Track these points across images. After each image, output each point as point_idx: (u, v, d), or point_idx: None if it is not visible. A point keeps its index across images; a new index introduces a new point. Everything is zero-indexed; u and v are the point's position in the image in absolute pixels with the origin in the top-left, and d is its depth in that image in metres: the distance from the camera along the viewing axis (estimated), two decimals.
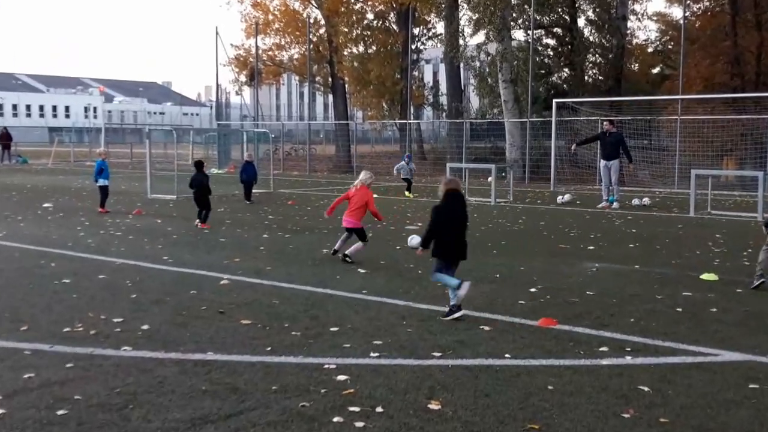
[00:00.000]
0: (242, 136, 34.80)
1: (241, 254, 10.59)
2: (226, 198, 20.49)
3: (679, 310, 7.33)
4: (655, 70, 41.00)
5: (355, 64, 39.30)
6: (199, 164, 14.77)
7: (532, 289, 8.26)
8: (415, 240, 10.98)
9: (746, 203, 19.92)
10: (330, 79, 41.36)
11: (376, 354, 5.74)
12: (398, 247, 11.37)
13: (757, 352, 5.90)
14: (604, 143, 18.96)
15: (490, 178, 20.66)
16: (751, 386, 5.09)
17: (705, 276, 9.07)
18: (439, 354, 5.75)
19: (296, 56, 42.13)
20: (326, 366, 5.41)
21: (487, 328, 6.54)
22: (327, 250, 10.85)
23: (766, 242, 8.41)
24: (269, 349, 5.88)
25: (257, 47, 39.56)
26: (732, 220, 15.61)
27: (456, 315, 6.76)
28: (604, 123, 19.38)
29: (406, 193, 21.25)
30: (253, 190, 19.85)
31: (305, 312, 7.11)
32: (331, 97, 44.82)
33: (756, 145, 26.00)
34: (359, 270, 9.37)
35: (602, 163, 19.05)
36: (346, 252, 9.95)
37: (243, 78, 42.01)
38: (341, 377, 5.16)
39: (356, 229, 10.04)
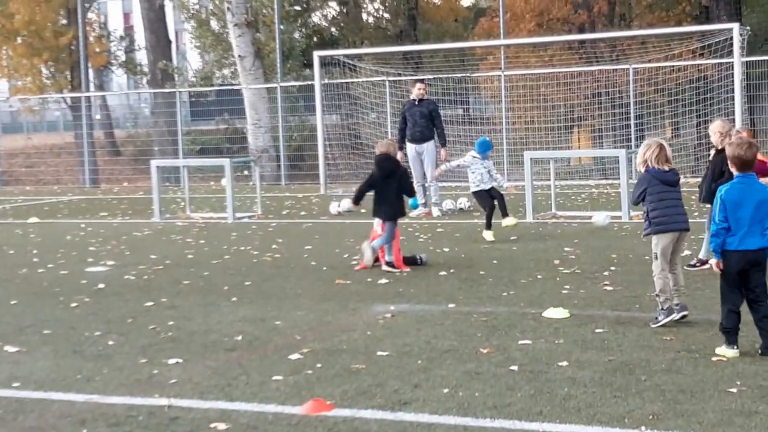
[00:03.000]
0: None
1: None
2: None
3: (514, 368, 7.66)
4: (466, 2, 43.16)
5: None
6: None
7: (294, 356, 8.32)
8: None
9: (606, 197, 21.43)
10: None
11: None
12: (75, 304, 11.01)
13: (627, 423, 6.28)
14: (412, 116, 19.00)
15: (224, 181, 20.67)
16: None
17: (550, 312, 9.58)
18: None
19: None
20: None
21: (222, 426, 6.49)
22: None
23: (653, 255, 9.02)
24: None
25: None
26: (586, 226, 16.63)
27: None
28: (417, 85, 19.37)
29: (505, 221, 15.42)
30: None
31: None
32: None
33: (616, 109, 28.07)
34: (6, 348, 8.97)
35: (411, 148, 19.09)
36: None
37: None
38: None
39: None
